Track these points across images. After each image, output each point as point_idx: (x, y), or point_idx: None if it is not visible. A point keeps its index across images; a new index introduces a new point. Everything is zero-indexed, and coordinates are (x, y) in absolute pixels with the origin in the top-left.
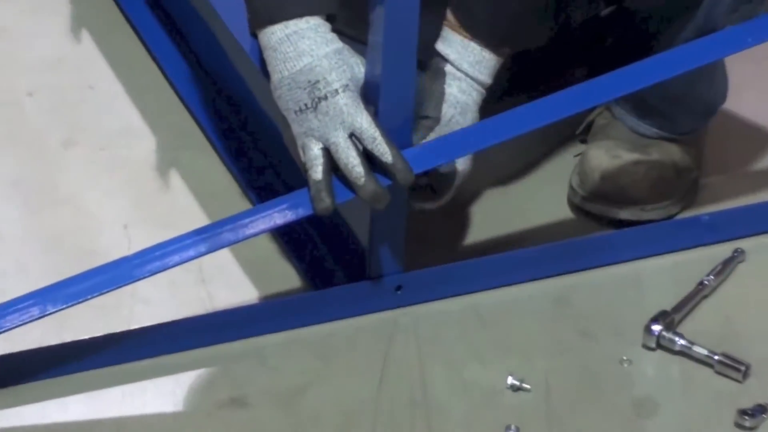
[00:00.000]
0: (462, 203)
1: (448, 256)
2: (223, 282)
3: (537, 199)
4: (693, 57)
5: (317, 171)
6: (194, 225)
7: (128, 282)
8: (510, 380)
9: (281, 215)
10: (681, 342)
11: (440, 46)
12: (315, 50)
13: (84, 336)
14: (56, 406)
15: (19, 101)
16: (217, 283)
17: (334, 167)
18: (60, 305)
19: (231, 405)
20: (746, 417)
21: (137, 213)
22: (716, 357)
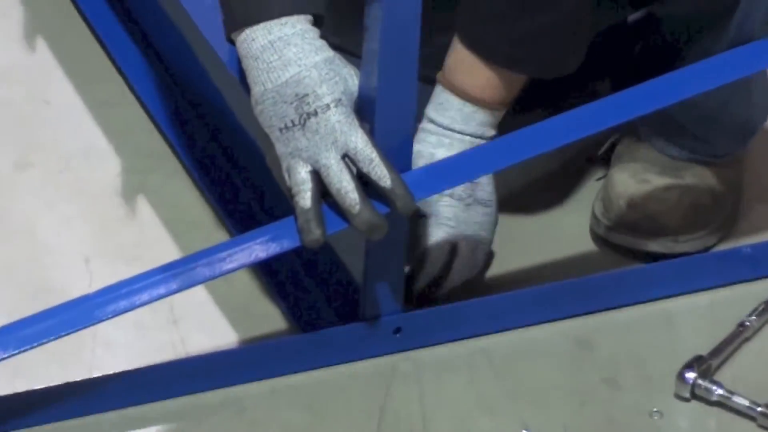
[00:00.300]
0: None
1: (453, 295)
2: (197, 324)
3: (555, 230)
4: (726, 70)
5: (305, 197)
6: (164, 259)
7: (89, 324)
8: None
9: (264, 248)
10: (719, 391)
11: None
12: (303, 59)
13: (39, 385)
14: None
15: None
16: (191, 325)
17: (325, 193)
18: (12, 350)
19: None
20: None
21: (100, 245)
22: (759, 409)
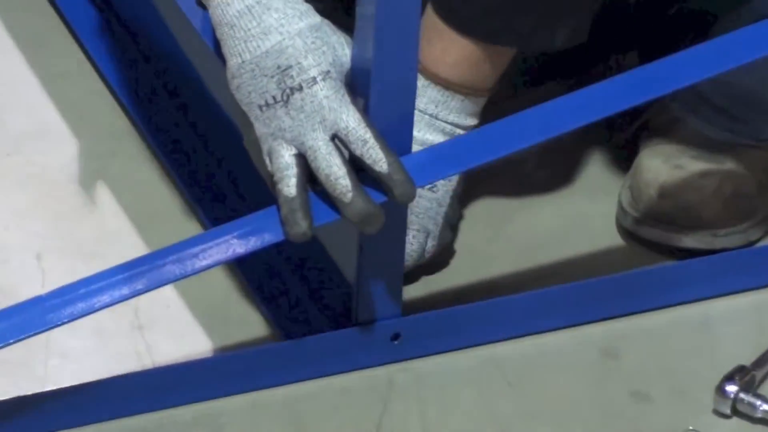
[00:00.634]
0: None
1: (460, 296)
2: (166, 329)
3: (575, 222)
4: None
5: (289, 185)
6: (128, 255)
7: (42, 329)
8: None
9: (242, 242)
10: (764, 407)
11: None
12: (285, 26)
13: None
14: None
15: None
16: (158, 331)
17: (312, 179)
18: None
19: None
20: None
21: (54, 239)
22: None
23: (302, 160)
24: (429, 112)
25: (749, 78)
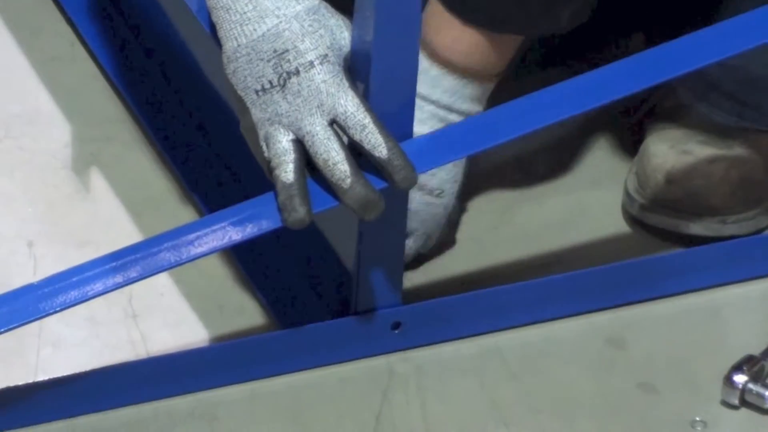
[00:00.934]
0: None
1: (462, 284)
2: (161, 318)
3: (581, 209)
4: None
5: (287, 170)
6: (122, 242)
7: (34, 318)
8: None
9: (239, 229)
10: None
11: None
12: (282, 8)
13: None
14: None
15: None
16: (153, 320)
17: (310, 165)
18: None
19: None
20: None
21: (45, 225)
22: None
23: (300, 146)
24: (443, 103)
25: (757, 62)
